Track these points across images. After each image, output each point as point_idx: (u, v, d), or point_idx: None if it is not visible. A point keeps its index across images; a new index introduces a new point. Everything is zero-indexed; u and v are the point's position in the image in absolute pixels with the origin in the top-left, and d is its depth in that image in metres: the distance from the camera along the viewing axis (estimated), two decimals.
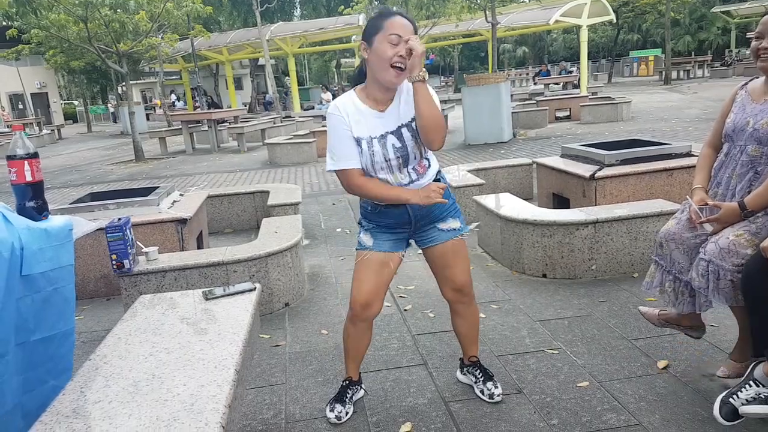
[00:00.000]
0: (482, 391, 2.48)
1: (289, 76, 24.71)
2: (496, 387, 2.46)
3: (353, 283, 2.33)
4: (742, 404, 2.03)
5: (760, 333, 2.14)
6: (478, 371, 2.53)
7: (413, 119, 2.13)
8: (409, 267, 4.24)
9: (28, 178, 2.05)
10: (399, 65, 2.01)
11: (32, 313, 1.85)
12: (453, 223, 2.32)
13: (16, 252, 1.79)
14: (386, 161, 2.14)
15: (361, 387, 2.55)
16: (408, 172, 2.19)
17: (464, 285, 2.40)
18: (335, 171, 2.17)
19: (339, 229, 5.68)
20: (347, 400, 2.44)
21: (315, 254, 4.87)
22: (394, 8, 2.06)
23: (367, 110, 2.13)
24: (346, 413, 2.40)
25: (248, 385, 2.71)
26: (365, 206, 2.31)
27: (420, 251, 2.43)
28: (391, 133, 2.13)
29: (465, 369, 2.60)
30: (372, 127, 2.13)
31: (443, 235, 2.30)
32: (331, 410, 2.40)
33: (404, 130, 2.14)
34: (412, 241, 2.39)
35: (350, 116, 2.13)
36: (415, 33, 2.06)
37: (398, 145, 2.13)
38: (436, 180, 2.28)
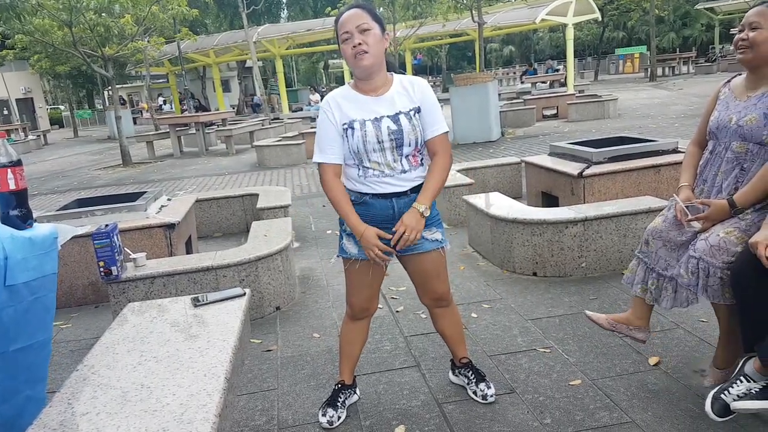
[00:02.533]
0: (475, 392, 2.47)
1: (273, 78, 24.55)
2: (489, 387, 2.46)
3: (348, 290, 2.35)
4: (734, 400, 2.04)
5: (750, 328, 2.15)
6: (470, 372, 2.52)
7: (412, 110, 2.16)
8: (400, 268, 4.20)
9: (12, 186, 2.02)
10: (359, 53, 2.06)
11: (13, 322, 1.82)
12: (437, 234, 2.28)
13: (0, 262, 1.76)
14: (379, 143, 2.12)
15: (354, 392, 2.53)
16: (402, 160, 2.17)
17: (443, 294, 2.41)
18: (316, 162, 2.22)
19: (329, 231, 5.66)
20: (340, 404, 2.42)
21: (306, 257, 4.85)
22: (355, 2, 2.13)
23: (361, 97, 2.17)
24: (339, 418, 2.38)
25: (239, 392, 2.69)
26: (349, 197, 2.26)
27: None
28: (388, 116, 2.13)
29: (457, 370, 2.59)
30: (367, 110, 2.14)
31: (426, 244, 2.26)
32: (323, 415, 2.38)
33: (402, 117, 2.14)
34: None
35: (340, 106, 2.16)
36: (371, 14, 2.09)
37: (394, 128, 2.12)
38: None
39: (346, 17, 2.09)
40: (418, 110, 2.17)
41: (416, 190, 2.22)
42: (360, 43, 2.05)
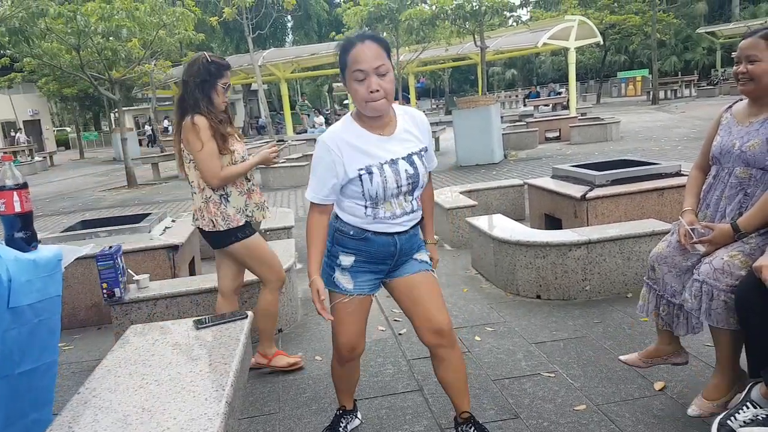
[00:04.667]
0: None
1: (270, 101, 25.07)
2: None
3: (335, 328, 2.18)
4: (740, 426, 2.02)
5: (755, 353, 2.13)
6: (473, 429, 2.23)
7: (422, 150, 2.08)
8: None
9: (17, 209, 2.04)
10: (374, 100, 1.90)
11: (18, 345, 1.82)
12: (425, 256, 2.20)
13: (4, 284, 1.76)
14: (398, 187, 2.00)
15: (356, 416, 2.51)
16: (412, 201, 2.10)
17: (442, 325, 2.12)
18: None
19: None
20: (341, 430, 2.39)
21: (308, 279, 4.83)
22: (365, 30, 1.90)
23: (370, 136, 2.00)
24: None
25: (241, 415, 2.67)
26: (346, 231, 2.08)
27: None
28: (403, 159, 2.01)
29: (459, 428, 2.27)
30: (382, 151, 2.00)
31: (416, 265, 2.16)
32: None
33: (415, 158, 2.04)
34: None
35: (352, 148, 1.98)
36: (386, 51, 1.93)
37: (411, 171, 2.02)
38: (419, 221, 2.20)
39: (362, 54, 1.87)
40: (425, 150, 2.11)
41: (414, 227, 2.15)
42: (378, 90, 1.89)
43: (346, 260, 2.10)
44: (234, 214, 2.84)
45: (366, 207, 2.04)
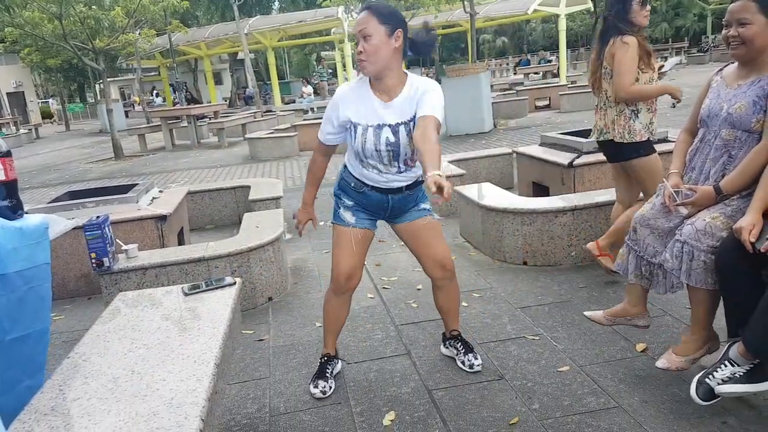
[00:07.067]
0: (463, 362, 2.61)
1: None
2: (476, 358, 2.60)
3: (334, 257, 2.45)
4: (718, 384, 2.08)
5: (734, 313, 2.18)
6: (459, 344, 2.67)
7: (412, 119, 2.18)
8: (392, 258, 4.25)
9: (2, 177, 2.03)
10: (360, 61, 2.13)
11: (7, 312, 1.83)
12: (424, 205, 2.47)
13: None
14: (376, 151, 2.21)
15: (338, 361, 2.69)
16: (398, 164, 2.27)
17: (445, 258, 2.50)
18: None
19: (322, 223, 5.65)
20: (329, 375, 2.57)
21: (297, 248, 4.86)
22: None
23: (372, 98, 2.21)
24: (330, 387, 2.53)
25: (231, 380, 2.71)
26: (348, 182, 2.39)
27: (402, 243, 2.54)
28: (389, 126, 2.19)
29: (447, 342, 2.74)
30: (372, 115, 2.20)
31: (415, 213, 2.44)
32: (315, 386, 2.51)
33: (401, 128, 2.19)
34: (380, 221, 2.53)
35: (348, 100, 2.23)
36: (380, 19, 2.09)
37: (392, 140, 2.20)
38: (420, 181, 2.38)
39: (357, 19, 2.15)
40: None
41: (411, 187, 2.35)
42: (360, 51, 2.11)
43: (348, 202, 2.42)
44: (640, 129, 3.10)
45: (357, 157, 2.29)
